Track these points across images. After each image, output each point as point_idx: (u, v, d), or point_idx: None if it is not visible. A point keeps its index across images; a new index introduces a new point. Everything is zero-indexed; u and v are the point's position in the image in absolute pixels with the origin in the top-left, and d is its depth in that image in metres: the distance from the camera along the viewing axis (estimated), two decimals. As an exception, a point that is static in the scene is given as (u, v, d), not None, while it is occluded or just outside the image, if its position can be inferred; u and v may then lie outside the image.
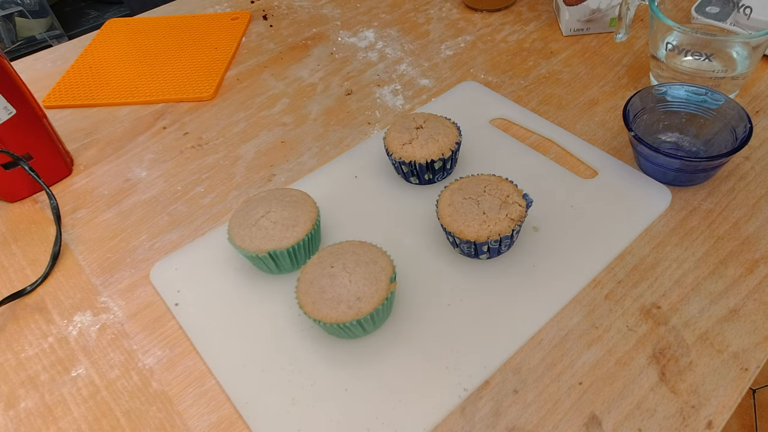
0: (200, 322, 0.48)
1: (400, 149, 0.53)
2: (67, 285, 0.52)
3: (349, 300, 0.41)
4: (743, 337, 0.43)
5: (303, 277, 0.44)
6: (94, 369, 0.46)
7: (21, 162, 0.54)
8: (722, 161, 0.50)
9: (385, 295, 0.42)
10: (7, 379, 0.46)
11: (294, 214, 0.48)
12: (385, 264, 0.44)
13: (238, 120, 0.67)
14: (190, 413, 0.43)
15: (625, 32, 0.66)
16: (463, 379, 0.42)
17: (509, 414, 0.41)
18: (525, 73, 0.69)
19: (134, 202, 0.59)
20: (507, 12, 0.79)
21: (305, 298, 0.43)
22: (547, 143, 0.60)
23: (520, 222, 0.46)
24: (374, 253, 0.44)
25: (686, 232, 0.50)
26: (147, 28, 0.81)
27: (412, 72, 0.71)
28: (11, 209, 0.60)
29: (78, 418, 0.43)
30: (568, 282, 0.47)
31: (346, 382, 0.43)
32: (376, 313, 0.42)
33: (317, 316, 0.42)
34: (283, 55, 0.76)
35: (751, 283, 0.46)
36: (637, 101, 0.54)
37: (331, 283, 0.42)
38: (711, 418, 0.39)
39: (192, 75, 0.73)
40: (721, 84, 0.59)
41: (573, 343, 0.44)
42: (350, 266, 0.43)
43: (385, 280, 0.43)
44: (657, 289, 0.47)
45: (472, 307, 0.46)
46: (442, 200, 0.49)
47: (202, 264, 0.52)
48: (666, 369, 0.42)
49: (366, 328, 0.43)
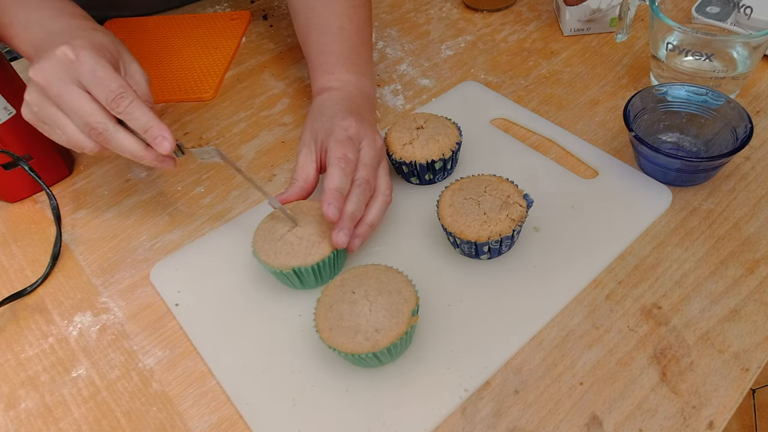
0: (201, 323, 0.47)
1: (401, 149, 0.53)
2: (68, 285, 0.52)
3: (367, 331, 0.40)
4: (744, 338, 0.43)
5: (323, 299, 0.43)
6: (94, 369, 0.46)
7: (21, 162, 0.54)
8: (723, 161, 0.50)
9: (405, 329, 0.40)
10: (7, 379, 0.46)
11: (320, 230, 0.46)
12: (408, 295, 0.42)
13: (239, 120, 0.67)
14: (191, 414, 0.43)
15: (625, 32, 0.66)
16: (463, 379, 0.42)
17: (510, 414, 0.41)
18: (525, 73, 0.69)
19: (134, 203, 0.59)
20: (507, 12, 0.79)
21: (323, 323, 0.42)
22: (547, 143, 0.60)
23: (520, 222, 0.46)
24: (398, 281, 0.43)
25: (687, 233, 0.50)
26: (147, 28, 0.81)
27: (413, 72, 0.71)
28: (11, 209, 0.60)
29: (78, 419, 0.43)
30: (569, 282, 0.47)
31: (347, 383, 0.43)
32: (393, 347, 0.41)
33: (333, 344, 0.41)
34: (283, 55, 0.76)
35: (752, 283, 0.46)
36: (638, 101, 0.54)
37: (350, 311, 0.41)
38: (712, 418, 0.39)
39: (192, 75, 0.73)
40: (722, 84, 0.59)
41: (574, 344, 0.44)
42: (372, 294, 0.41)
43: (406, 313, 0.41)
44: (658, 290, 0.47)
45: (472, 308, 0.46)
46: (442, 200, 0.49)
47: (203, 264, 0.52)
48: (667, 369, 0.42)
49: (382, 360, 0.42)
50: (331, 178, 0.46)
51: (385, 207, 0.50)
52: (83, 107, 0.44)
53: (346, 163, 0.47)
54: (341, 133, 0.50)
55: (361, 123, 0.51)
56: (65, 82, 0.44)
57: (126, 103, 0.44)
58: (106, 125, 0.44)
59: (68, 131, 0.45)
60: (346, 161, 0.47)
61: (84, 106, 0.44)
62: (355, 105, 0.55)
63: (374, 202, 0.49)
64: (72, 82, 0.44)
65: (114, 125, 0.45)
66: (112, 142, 0.45)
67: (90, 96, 0.44)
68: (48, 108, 0.45)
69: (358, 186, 0.48)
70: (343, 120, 0.51)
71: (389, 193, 0.50)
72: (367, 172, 0.49)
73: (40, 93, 0.45)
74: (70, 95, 0.44)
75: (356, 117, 0.52)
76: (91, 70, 0.44)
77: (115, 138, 0.45)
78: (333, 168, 0.47)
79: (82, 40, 0.46)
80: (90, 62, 0.44)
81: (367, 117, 0.55)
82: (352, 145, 0.49)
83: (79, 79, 0.44)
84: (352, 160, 0.48)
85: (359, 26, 0.61)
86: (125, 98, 0.44)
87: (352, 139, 0.50)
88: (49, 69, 0.44)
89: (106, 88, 0.44)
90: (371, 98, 0.60)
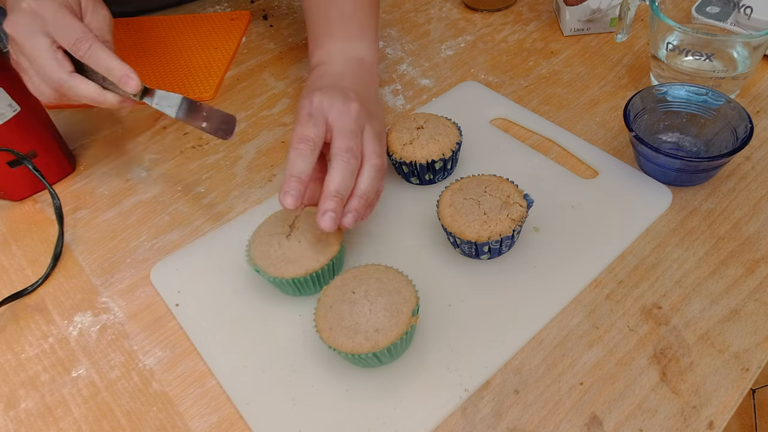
0: (201, 323, 0.47)
1: (401, 149, 0.53)
2: (68, 285, 0.52)
3: (367, 331, 0.40)
4: (744, 338, 0.43)
5: (323, 299, 0.43)
6: (94, 369, 0.46)
7: (25, 161, 0.54)
8: (723, 161, 0.50)
9: (405, 329, 0.40)
10: (7, 379, 0.46)
11: (318, 236, 0.46)
12: (408, 295, 0.42)
13: (238, 120, 0.67)
14: (191, 414, 0.43)
15: (625, 32, 0.66)
16: (464, 379, 0.42)
17: (510, 414, 0.41)
18: (525, 73, 0.69)
19: (135, 202, 0.59)
20: (507, 12, 0.79)
21: (323, 323, 0.42)
22: (547, 143, 0.60)
23: (520, 222, 0.46)
24: (398, 281, 0.43)
25: (687, 233, 0.50)
26: (147, 28, 0.81)
27: (413, 72, 0.71)
28: (12, 209, 0.60)
29: (78, 419, 0.43)
30: (569, 282, 0.47)
31: (347, 383, 0.43)
32: (393, 347, 0.41)
33: (333, 344, 0.40)
34: (283, 55, 0.76)
35: (752, 283, 0.46)
36: (638, 101, 0.54)
37: (350, 311, 0.41)
38: (712, 418, 0.39)
39: (192, 75, 0.73)
40: (722, 84, 0.59)
41: (574, 344, 0.44)
42: (372, 294, 0.41)
43: (406, 313, 0.41)
44: (658, 290, 0.47)
45: (473, 308, 0.46)
46: (442, 201, 0.49)
47: (203, 264, 0.52)
48: (667, 369, 0.42)
49: (382, 360, 0.42)
50: (288, 164, 0.44)
51: (375, 173, 0.46)
52: (41, 56, 0.47)
53: (305, 145, 0.44)
54: (301, 114, 0.47)
55: (325, 95, 0.48)
56: (29, 32, 0.47)
57: (86, 47, 0.47)
58: (60, 74, 0.47)
59: (33, 80, 0.49)
60: (305, 142, 0.44)
61: (41, 56, 0.47)
62: (331, 77, 0.53)
63: (362, 170, 0.46)
64: (37, 32, 0.47)
65: (69, 74, 0.47)
66: (70, 91, 0.48)
67: (53, 45, 0.47)
68: (20, 56, 0.48)
69: (337, 156, 0.44)
70: (302, 100, 0.49)
71: (375, 157, 0.47)
72: (347, 139, 0.45)
73: (12, 42, 0.48)
74: (31, 45, 0.47)
75: (319, 92, 0.48)
76: (53, 18, 0.47)
77: (72, 86, 0.47)
78: (290, 153, 0.45)
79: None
80: (50, 9, 0.47)
81: (343, 85, 0.51)
82: (312, 122, 0.46)
83: (45, 28, 0.47)
84: (311, 139, 0.45)
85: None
86: (85, 41, 0.47)
87: (312, 115, 0.46)
88: (17, 20, 0.47)
89: (68, 35, 0.47)
90: (364, 64, 0.57)
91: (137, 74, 0.47)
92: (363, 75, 0.56)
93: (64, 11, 0.47)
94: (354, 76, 0.54)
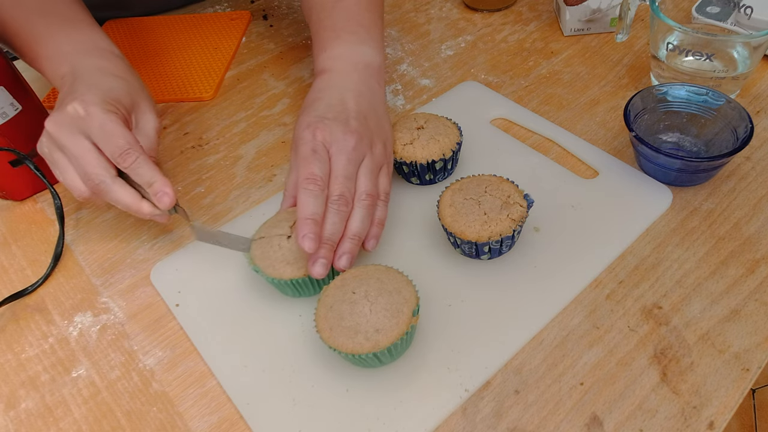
0: (201, 323, 0.47)
1: (401, 150, 0.53)
2: (68, 285, 0.52)
3: (367, 331, 0.40)
4: (744, 338, 0.43)
5: (323, 299, 0.43)
6: (94, 370, 0.46)
7: (27, 160, 0.54)
8: (723, 161, 0.50)
9: (405, 329, 0.40)
10: (7, 379, 0.46)
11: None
12: (409, 295, 0.42)
13: (239, 120, 0.67)
14: (191, 414, 0.43)
15: (625, 32, 0.66)
16: (464, 379, 0.42)
17: (510, 414, 0.41)
18: (525, 73, 0.69)
19: (134, 203, 0.59)
20: (507, 12, 0.79)
21: (323, 323, 0.42)
22: (547, 143, 0.60)
23: (521, 222, 0.46)
24: (399, 281, 0.43)
25: (687, 233, 0.50)
26: (147, 28, 0.81)
27: (413, 72, 0.71)
28: (12, 209, 0.59)
29: (78, 419, 0.43)
30: (569, 282, 0.47)
31: (347, 383, 0.43)
32: (393, 347, 0.40)
33: (333, 344, 0.40)
34: (283, 55, 0.76)
35: (752, 283, 0.46)
36: (638, 101, 0.54)
37: (350, 311, 0.41)
38: (712, 418, 0.39)
39: (192, 75, 0.73)
40: (722, 84, 0.59)
41: (574, 344, 0.44)
42: (372, 294, 0.41)
43: (407, 313, 0.41)
44: (658, 290, 0.47)
45: (473, 308, 0.46)
46: (443, 201, 0.49)
47: (203, 264, 0.52)
48: (667, 369, 0.42)
49: (382, 360, 0.42)
50: (300, 205, 0.44)
51: (365, 213, 0.46)
52: (84, 157, 0.46)
53: (314, 185, 0.45)
54: (304, 149, 0.47)
55: (326, 129, 0.47)
56: (73, 134, 0.46)
57: (132, 159, 0.46)
58: (103, 177, 0.46)
59: (67, 175, 0.48)
60: (314, 183, 0.45)
61: (85, 156, 0.46)
62: (337, 92, 0.52)
63: (353, 212, 0.46)
64: (80, 134, 0.46)
65: (112, 178, 0.47)
66: (108, 195, 0.47)
67: (96, 148, 0.47)
68: (55, 152, 0.48)
69: (332, 204, 0.45)
70: (304, 131, 0.48)
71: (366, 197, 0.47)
72: (339, 185, 0.46)
73: (50, 139, 0.48)
74: (74, 145, 0.46)
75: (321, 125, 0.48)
76: (100, 125, 0.46)
77: (111, 190, 0.47)
78: (300, 193, 0.45)
79: (94, 95, 0.47)
80: (99, 118, 0.46)
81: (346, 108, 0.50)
82: (317, 159, 0.46)
83: (88, 133, 0.47)
84: (320, 178, 0.45)
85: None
86: (131, 155, 0.46)
87: (317, 152, 0.46)
88: (61, 121, 0.47)
89: (114, 144, 0.46)
90: (371, 68, 0.55)
91: (173, 189, 0.47)
92: (370, 84, 0.54)
93: (114, 119, 0.47)
94: (360, 86, 0.53)
